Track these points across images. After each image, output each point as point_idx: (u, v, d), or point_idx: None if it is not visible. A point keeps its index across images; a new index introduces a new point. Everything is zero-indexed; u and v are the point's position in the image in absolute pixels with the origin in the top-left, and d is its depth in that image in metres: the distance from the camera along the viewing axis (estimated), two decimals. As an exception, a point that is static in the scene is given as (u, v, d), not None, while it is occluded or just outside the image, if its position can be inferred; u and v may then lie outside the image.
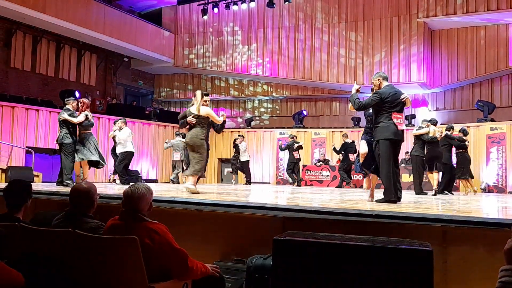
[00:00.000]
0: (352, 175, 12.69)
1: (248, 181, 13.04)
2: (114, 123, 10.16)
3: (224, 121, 6.76)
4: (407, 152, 13.84)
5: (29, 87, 14.65)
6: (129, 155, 9.47)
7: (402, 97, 5.34)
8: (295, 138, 13.48)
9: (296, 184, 12.76)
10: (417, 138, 8.97)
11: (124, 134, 9.48)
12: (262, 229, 3.75)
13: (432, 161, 8.82)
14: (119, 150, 9.51)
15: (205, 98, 6.46)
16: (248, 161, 13.14)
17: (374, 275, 2.56)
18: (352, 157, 11.89)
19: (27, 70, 14.66)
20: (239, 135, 13.84)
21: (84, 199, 3.07)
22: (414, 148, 9.05)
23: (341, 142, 12.93)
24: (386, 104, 5.30)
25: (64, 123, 7.84)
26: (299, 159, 12.99)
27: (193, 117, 6.34)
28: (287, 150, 13.16)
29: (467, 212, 4.20)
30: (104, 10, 15.47)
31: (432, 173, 8.91)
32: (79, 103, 8.05)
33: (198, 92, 6.48)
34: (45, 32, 14.72)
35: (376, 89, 5.51)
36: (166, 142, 12.98)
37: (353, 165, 11.61)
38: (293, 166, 12.87)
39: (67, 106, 8.05)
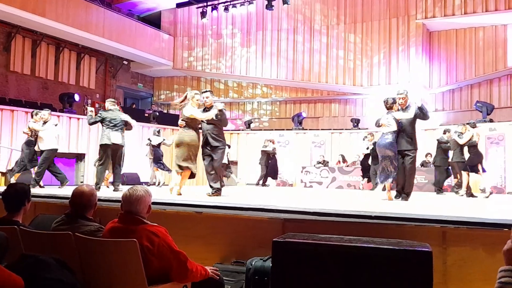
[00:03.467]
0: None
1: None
2: (33, 115, 8.89)
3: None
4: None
5: (28, 90, 14.65)
6: (54, 153, 8.90)
7: None
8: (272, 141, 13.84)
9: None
10: (457, 144, 8.93)
11: (51, 128, 8.78)
12: (262, 231, 3.75)
13: (476, 163, 8.71)
14: (44, 146, 8.61)
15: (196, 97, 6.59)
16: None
17: (374, 276, 2.56)
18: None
19: (27, 73, 14.67)
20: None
21: (84, 202, 3.07)
22: (455, 154, 9.03)
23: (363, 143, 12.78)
24: None
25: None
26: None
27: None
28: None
29: (466, 213, 4.21)
30: (103, 13, 15.49)
31: (469, 175, 8.84)
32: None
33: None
34: (44, 35, 14.73)
35: (404, 105, 6.33)
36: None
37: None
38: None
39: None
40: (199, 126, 6.62)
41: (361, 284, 2.57)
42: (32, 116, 8.95)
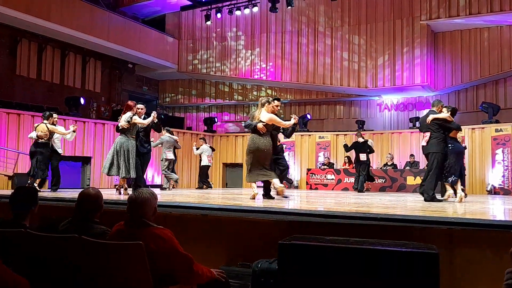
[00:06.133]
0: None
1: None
2: (48, 118, 8.72)
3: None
4: (411, 155, 13.82)
5: (34, 94, 14.74)
6: None
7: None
8: None
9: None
10: None
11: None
12: (267, 233, 3.74)
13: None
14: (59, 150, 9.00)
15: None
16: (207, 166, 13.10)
17: (380, 278, 2.55)
18: (363, 157, 11.65)
19: (33, 77, 14.77)
20: (200, 138, 13.86)
21: (91, 205, 3.09)
22: None
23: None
24: None
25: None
26: None
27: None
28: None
29: (473, 214, 4.19)
30: (108, 17, 15.57)
31: None
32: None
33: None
34: (50, 39, 14.83)
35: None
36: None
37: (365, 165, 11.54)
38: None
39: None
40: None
41: (368, 286, 2.56)
42: (47, 118, 8.71)
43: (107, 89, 17.56)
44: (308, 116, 16.46)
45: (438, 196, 6.76)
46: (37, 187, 8.42)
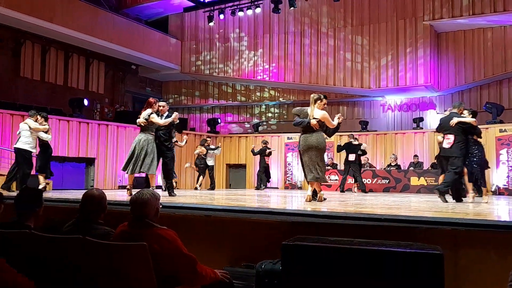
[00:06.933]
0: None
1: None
2: (36, 116, 8.96)
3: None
4: (415, 156, 13.79)
5: (38, 96, 14.79)
6: None
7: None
8: (267, 144, 13.62)
9: (263, 187, 13.18)
10: None
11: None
12: (271, 234, 3.74)
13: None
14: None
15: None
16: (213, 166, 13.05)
17: (385, 279, 2.54)
18: (351, 157, 11.76)
19: (36, 79, 14.82)
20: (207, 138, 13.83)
21: (95, 206, 3.09)
22: None
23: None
24: None
25: None
26: (267, 164, 13.40)
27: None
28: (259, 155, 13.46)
29: (478, 215, 4.17)
30: (111, 18, 15.62)
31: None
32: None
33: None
34: (53, 41, 14.88)
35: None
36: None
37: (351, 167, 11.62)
38: (264, 170, 13.29)
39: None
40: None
41: (372, 287, 2.55)
42: (43, 117, 8.93)
43: (111, 90, 17.60)
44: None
45: (449, 198, 6.78)
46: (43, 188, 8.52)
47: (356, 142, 11.96)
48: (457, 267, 3.10)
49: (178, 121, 7.61)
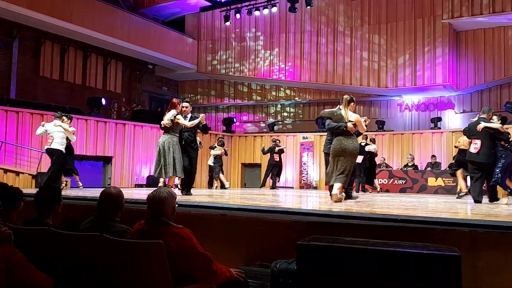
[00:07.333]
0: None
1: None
2: (71, 120, 9.49)
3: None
4: (433, 156, 13.61)
5: (56, 95, 15.03)
6: None
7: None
8: (277, 142, 13.50)
9: (271, 186, 13.09)
10: None
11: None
12: (286, 234, 3.74)
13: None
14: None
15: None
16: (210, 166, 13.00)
17: (401, 281, 2.52)
18: (359, 159, 11.67)
19: (56, 78, 15.07)
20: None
21: (112, 204, 3.13)
22: None
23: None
24: None
25: None
26: (278, 162, 13.15)
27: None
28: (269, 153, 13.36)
29: (497, 217, 4.10)
30: (129, 18, 15.79)
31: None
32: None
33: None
34: (72, 41, 15.11)
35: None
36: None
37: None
38: (272, 168, 13.14)
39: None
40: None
41: (388, 288, 2.53)
42: (69, 119, 9.33)
43: (128, 89, 17.79)
44: (327, 116, 16.32)
45: (486, 200, 6.78)
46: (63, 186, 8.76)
47: (363, 143, 11.84)
48: (475, 269, 3.05)
49: (205, 122, 7.46)
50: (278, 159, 13.12)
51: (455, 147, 9.30)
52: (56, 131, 8.89)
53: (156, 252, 2.51)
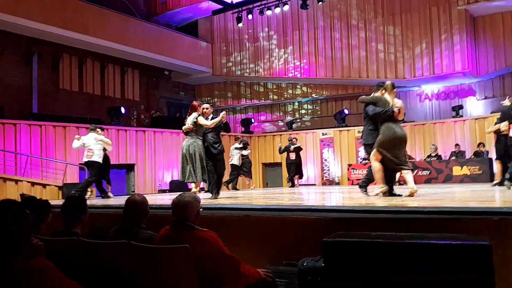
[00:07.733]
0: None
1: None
2: (102, 130, 9.91)
3: None
4: (457, 145, 13.37)
5: (77, 106, 15.30)
6: None
7: None
8: (293, 140, 13.44)
9: (290, 185, 13.09)
10: None
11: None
12: (311, 232, 3.72)
13: None
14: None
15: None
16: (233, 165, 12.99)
17: (430, 274, 2.48)
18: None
19: (75, 90, 15.35)
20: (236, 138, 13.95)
21: (137, 211, 3.17)
22: None
23: None
24: None
25: None
26: (294, 160, 13.09)
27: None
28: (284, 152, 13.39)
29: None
30: (142, 26, 15.97)
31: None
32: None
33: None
34: (89, 53, 15.36)
35: None
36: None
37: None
38: (289, 167, 13.18)
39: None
40: None
41: (417, 282, 2.50)
42: (102, 130, 9.72)
43: (146, 97, 17.99)
44: (346, 111, 16.23)
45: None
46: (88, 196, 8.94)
47: None
48: (505, 259, 2.98)
49: (226, 120, 7.35)
50: (294, 158, 13.09)
51: (497, 133, 8.44)
52: (93, 144, 9.13)
53: (182, 256, 2.53)
